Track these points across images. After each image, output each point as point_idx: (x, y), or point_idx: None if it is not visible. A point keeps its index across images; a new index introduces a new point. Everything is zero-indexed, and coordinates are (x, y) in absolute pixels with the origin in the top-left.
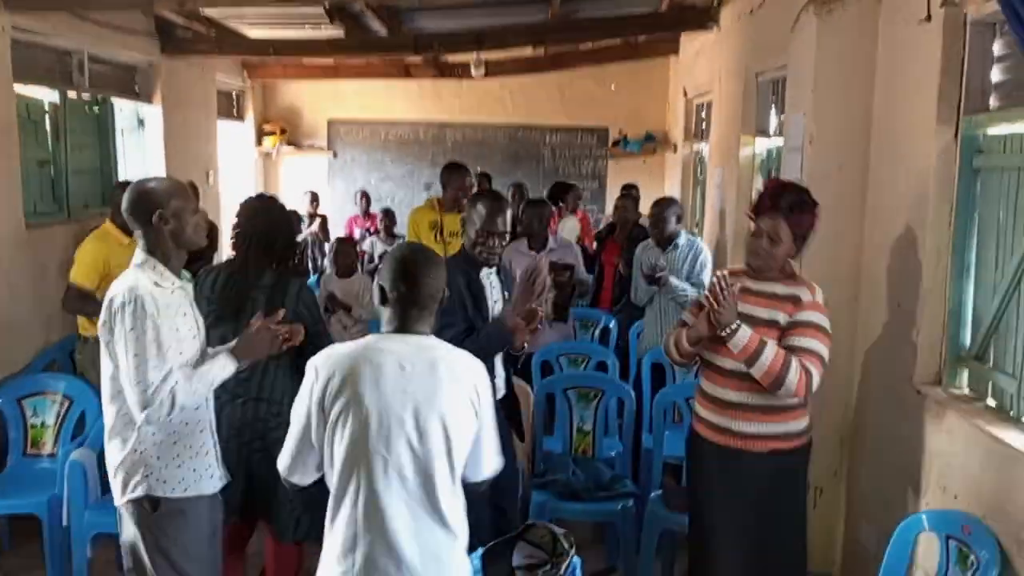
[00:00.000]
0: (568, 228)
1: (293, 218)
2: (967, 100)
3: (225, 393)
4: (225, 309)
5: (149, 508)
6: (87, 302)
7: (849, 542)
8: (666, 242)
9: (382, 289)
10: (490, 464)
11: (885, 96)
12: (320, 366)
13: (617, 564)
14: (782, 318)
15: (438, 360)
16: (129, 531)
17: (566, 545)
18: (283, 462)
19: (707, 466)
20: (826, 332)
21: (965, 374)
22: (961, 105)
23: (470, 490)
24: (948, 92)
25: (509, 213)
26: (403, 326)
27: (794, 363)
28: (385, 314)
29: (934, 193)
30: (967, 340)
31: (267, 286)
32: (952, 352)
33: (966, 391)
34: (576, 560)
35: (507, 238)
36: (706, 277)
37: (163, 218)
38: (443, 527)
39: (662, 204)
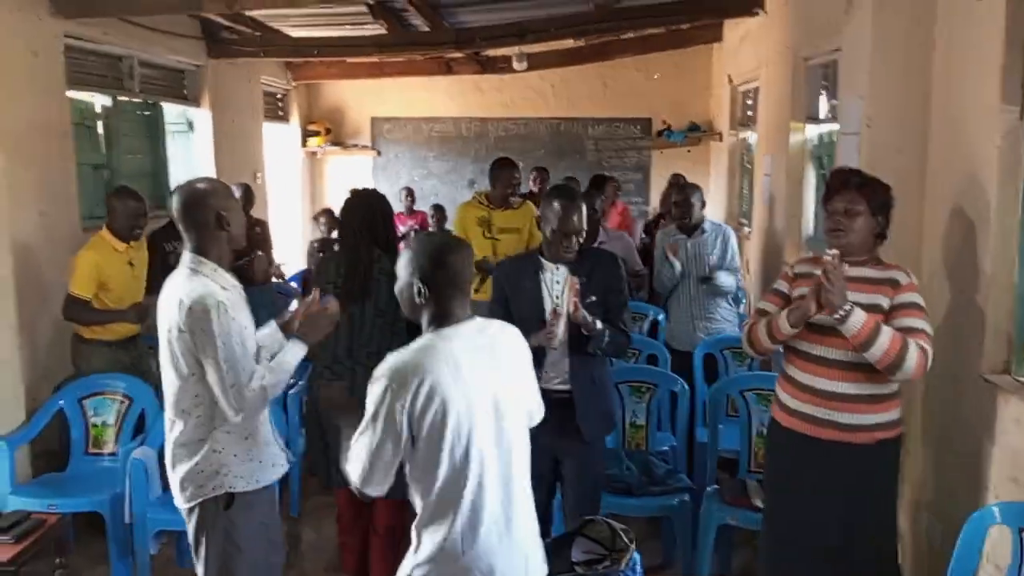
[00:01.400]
0: None
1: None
2: None
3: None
4: (353, 292)
5: (223, 505)
6: (84, 311)
7: (912, 535)
8: (692, 228)
9: (422, 284)
10: (540, 411)
11: (945, 76)
12: (393, 380)
13: (674, 559)
14: (884, 302)
15: (495, 340)
16: (197, 528)
17: (626, 540)
18: (357, 474)
19: (799, 460)
20: (926, 311)
21: None
22: None
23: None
24: (1012, 69)
25: (584, 209)
26: (451, 314)
27: (912, 344)
28: (429, 308)
29: (999, 176)
30: None
31: (388, 271)
32: (1020, 339)
33: None
34: (636, 556)
35: (583, 235)
36: (738, 262)
37: (222, 220)
38: (530, 501)
39: (686, 189)
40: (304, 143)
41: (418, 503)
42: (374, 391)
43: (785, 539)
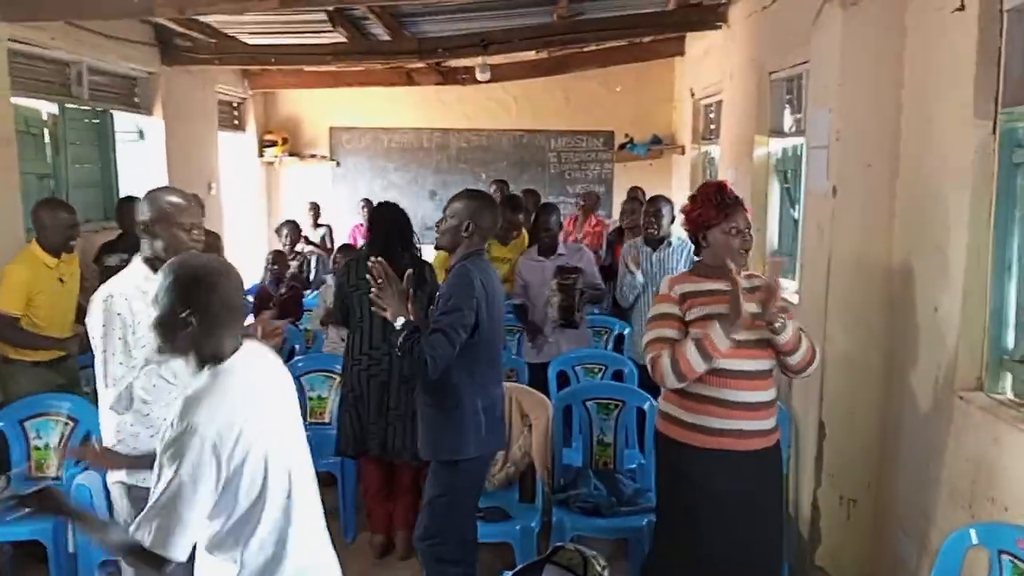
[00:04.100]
0: None
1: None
2: (1005, 92)
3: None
4: None
5: None
6: (17, 332)
7: (886, 556)
8: (658, 241)
9: (193, 312)
10: None
11: (916, 90)
12: (205, 426)
13: None
14: (756, 308)
15: (273, 365)
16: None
17: (598, 568)
18: (157, 534)
19: (733, 480)
20: None
21: (1009, 378)
22: (999, 98)
23: None
24: (985, 84)
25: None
26: (227, 345)
27: (810, 345)
28: (201, 340)
29: (972, 190)
30: (1010, 342)
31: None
32: (995, 355)
33: (1011, 396)
34: None
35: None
36: None
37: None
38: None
39: (656, 201)
40: (261, 153)
41: (215, 544)
42: (184, 445)
43: (717, 561)
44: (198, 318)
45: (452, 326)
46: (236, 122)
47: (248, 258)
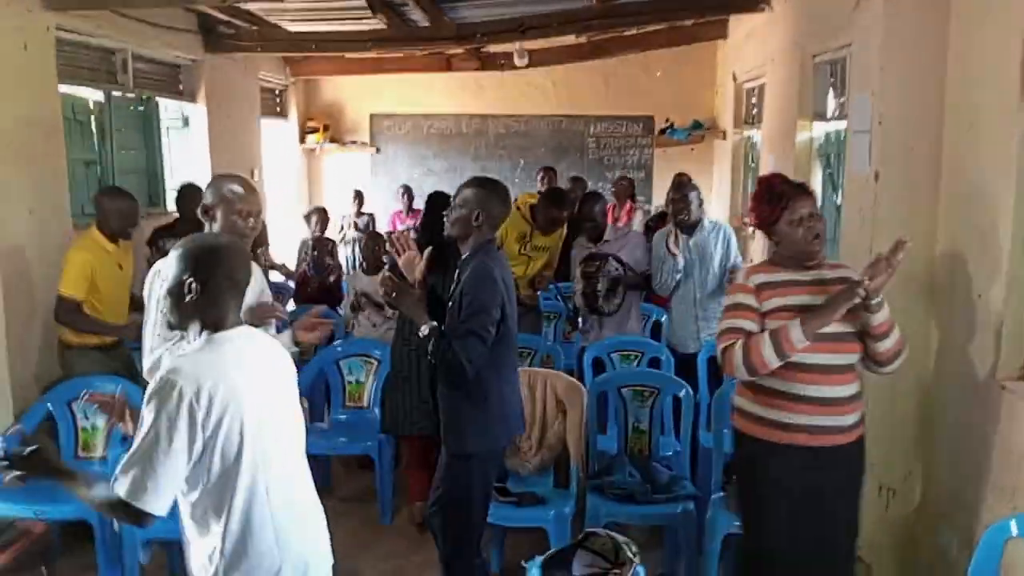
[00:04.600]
0: None
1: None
2: None
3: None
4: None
5: None
6: (79, 317)
7: (926, 547)
8: (692, 227)
9: (198, 283)
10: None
11: (960, 74)
12: (187, 386)
13: (677, 570)
14: None
15: (271, 347)
16: None
17: (630, 554)
18: (132, 486)
19: (806, 475)
20: None
21: None
22: None
23: None
24: None
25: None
26: (226, 318)
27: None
28: (202, 310)
29: (1018, 176)
30: None
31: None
32: None
33: None
34: (640, 569)
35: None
36: (741, 260)
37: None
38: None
39: (683, 187)
40: (303, 140)
41: (197, 509)
42: (163, 398)
43: (787, 557)
44: (202, 287)
45: (483, 327)
46: (278, 109)
47: (289, 244)
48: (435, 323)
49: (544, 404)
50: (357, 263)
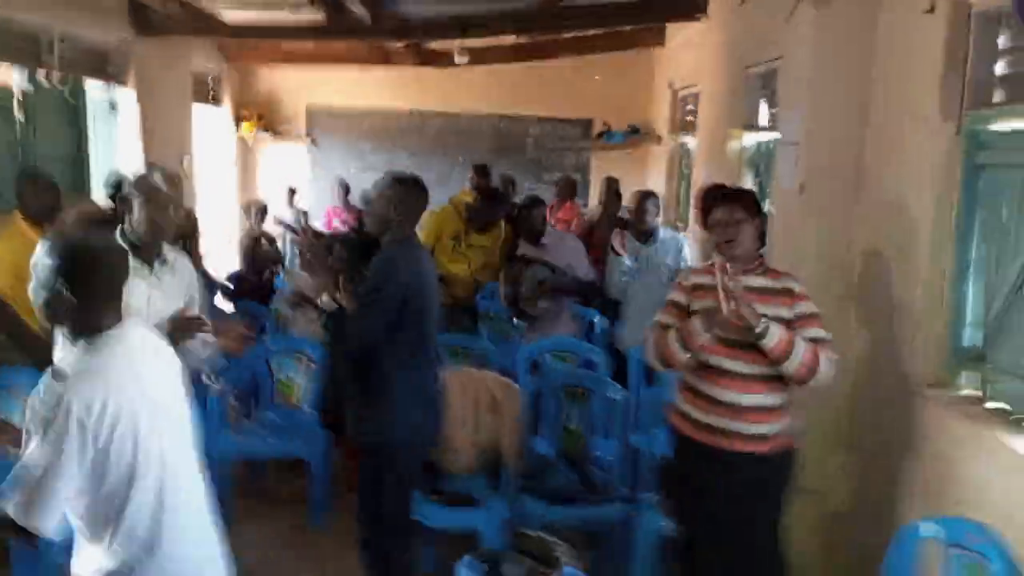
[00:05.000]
0: None
1: None
2: (970, 95)
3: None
4: None
5: None
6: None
7: (851, 547)
8: (646, 235)
9: (73, 288)
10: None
11: (884, 91)
12: (76, 397)
13: (610, 572)
14: (784, 312)
15: (154, 345)
16: None
17: (560, 555)
18: (23, 504)
19: (703, 472)
20: (820, 317)
21: (968, 376)
22: (964, 100)
23: None
24: (951, 86)
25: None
26: (104, 323)
27: (823, 357)
28: (80, 316)
29: (936, 190)
30: (970, 341)
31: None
32: (955, 353)
33: (970, 393)
34: (570, 571)
35: None
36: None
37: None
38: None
39: (642, 196)
40: (237, 129)
41: (87, 517)
42: (52, 413)
43: (693, 548)
44: (77, 294)
45: (373, 306)
46: (211, 96)
47: (221, 234)
48: (339, 302)
49: (478, 404)
50: (293, 259)
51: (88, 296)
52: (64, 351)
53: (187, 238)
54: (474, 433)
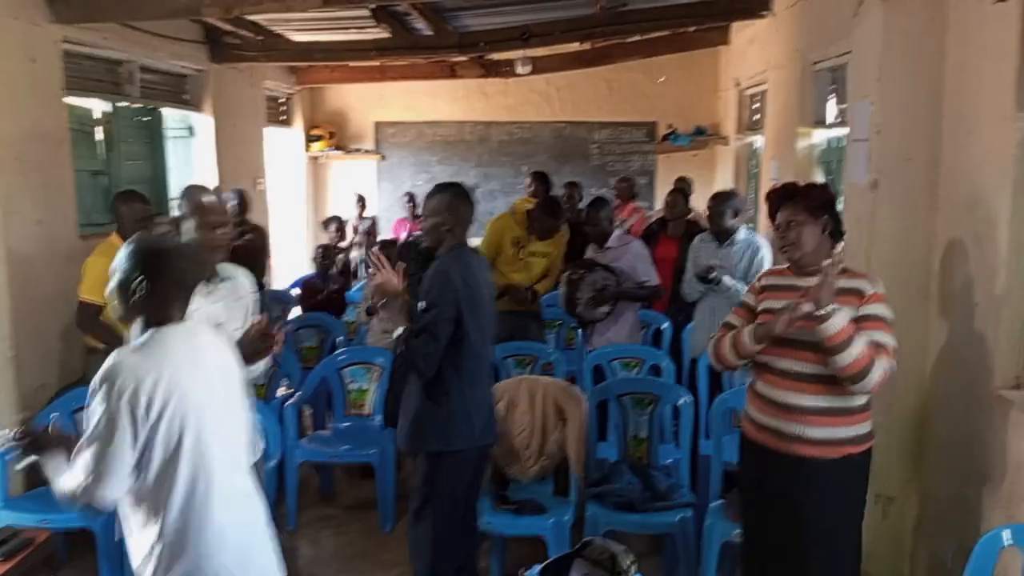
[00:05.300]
0: None
1: None
2: None
3: None
4: None
5: None
6: (96, 320)
7: (923, 554)
8: (723, 236)
9: (146, 280)
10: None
11: (957, 83)
12: (129, 380)
13: None
14: (851, 313)
15: (214, 344)
16: None
17: (625, 564)
18: (86, 479)
19: (767, 475)
20: (892, 323)
21: None
22: None
23: None
24: None
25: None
26: (171, 316)
27: (877, 362)
28: (148, 307)
29: (1012, 186)
30: None
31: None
32: None
33: None
34: None
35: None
36: None
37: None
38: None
39: (717, 198)
40: (307, 147)
41: (137, 502)
42: (104, 393)
43: (757, 552)
44: (150, 286)
45: (433, 322)
46: (283, 117)
47: (294, 251)
48: (410, 326)
49: (544, 412)
50: (367, 268)
51: (159, 289)
52: None
53: (255, 255)
54: (540, 440)
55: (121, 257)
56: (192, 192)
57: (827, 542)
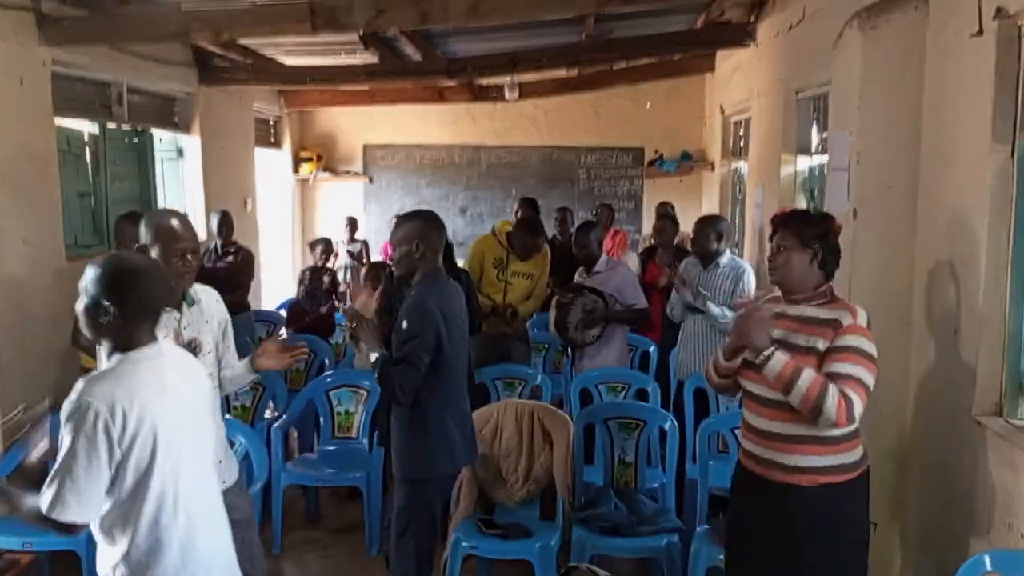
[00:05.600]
0: None
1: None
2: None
3: None
4: None
5: None
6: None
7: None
8: (707, 260)
9: (112, 304)
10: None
11: (935, 114)
12: (102, 404)
13: None
14: (821, 344)
15: (184, 363)
16: None
17: None
18: (56, 500)
19: (750, 501)
20: (868, 356)
21: None
22: (1018, 122)
23: None
24: (1003, 109)
25: None
26: (138, 339)
27: (831, 389)
28: (115, 330)
29: (989, 215)
30: None
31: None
32: (1013, 381)
33: None
34: None
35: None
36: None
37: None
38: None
39: (702, 222)
40: (296, 169)
41: (106, 522)
42: (79, 419)
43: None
44: (117, 309)
45: (414, 352)
46: (272, 139)
47: (282, 273)
48: (385, 352)
49: (531, 435)
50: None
51: (126, 310)
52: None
53: (237, 276)
54: (527, 464)
55: (88, 279)
56: (155, 217)
57: (810, 571)
